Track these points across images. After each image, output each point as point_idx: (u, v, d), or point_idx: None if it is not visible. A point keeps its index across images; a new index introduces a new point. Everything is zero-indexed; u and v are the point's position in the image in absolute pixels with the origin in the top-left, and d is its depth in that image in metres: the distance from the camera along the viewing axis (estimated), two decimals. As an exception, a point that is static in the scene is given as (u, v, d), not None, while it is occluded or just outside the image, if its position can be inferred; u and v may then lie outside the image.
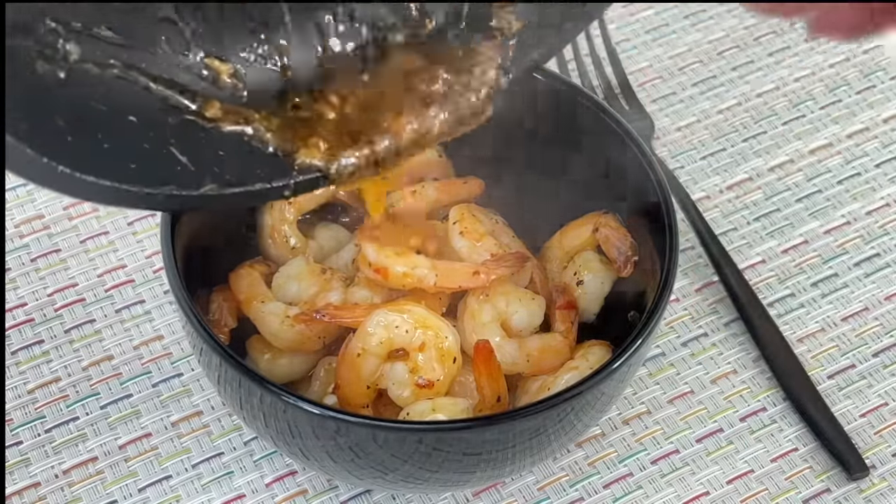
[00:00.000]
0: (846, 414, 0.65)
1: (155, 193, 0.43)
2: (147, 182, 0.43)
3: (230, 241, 0.62)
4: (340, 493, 0.61)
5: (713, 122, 0.78)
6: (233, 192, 0.46)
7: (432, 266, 0.58)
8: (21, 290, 0.68)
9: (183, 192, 0.44)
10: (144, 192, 0.43)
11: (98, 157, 0.42)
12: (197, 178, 0.44)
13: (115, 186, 0.42)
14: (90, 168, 0.41)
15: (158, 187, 0.43)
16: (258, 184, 0.46)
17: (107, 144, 0.42)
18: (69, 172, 0.41)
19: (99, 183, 0.42)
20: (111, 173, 0.42)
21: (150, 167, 0.43)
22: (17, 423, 0.63)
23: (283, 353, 0.59)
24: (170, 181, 0.44)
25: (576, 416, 0.53)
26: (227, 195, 0.46)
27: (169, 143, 0.43)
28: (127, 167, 0.42)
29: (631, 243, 0.61)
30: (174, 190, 0.44)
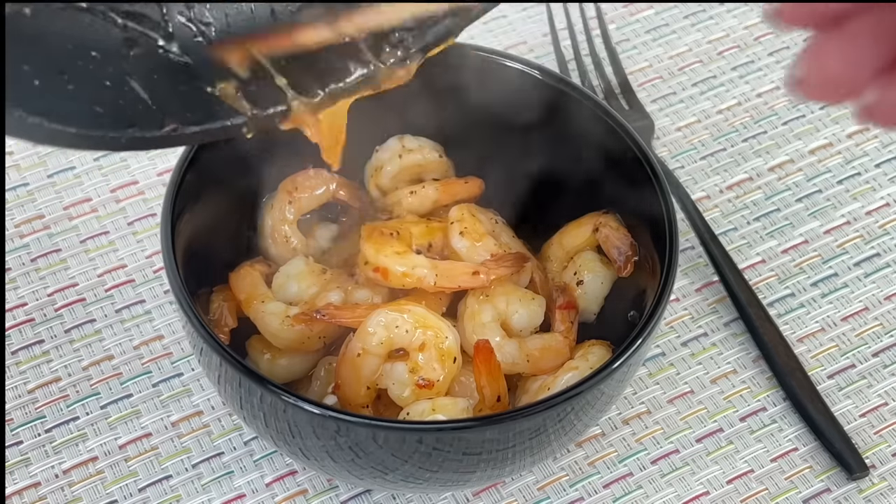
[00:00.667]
0: (846, 414, 0.65)
1: (118, 136, 0.45)
2: (111, 125, 0.44)
3: (230, 241, 0.62)
4: (340, 493, 0.61)
5: (713, 122, 0.78)
6: (193, 130, 0.47)
7: (432, 266, 0.59)
8: (21, 290, 0.68)
9: (146, 133, 0.45)
10: (109, 135, 0.44)
11: (63, 101, 0.43)
12: (158, 117, 0.45)
13: (82, 133, 0.43)
14: (57, 116, 0.42)
15: (122, 129, 0.44)
16: (218, 121, 0.47)
17: (71, 86, 0.43)
18: (38, 122, 0.42)
19: (65, 130, 0.43)
20: (76, 119, 0.43)
21: (113, 109, 0.44)
22: (17, 423, 0.63)
23: (283, 353, 0.59)
24: (132, 122, 0.45)
25: (576, 416, 0.53)
26: (189, 134, 0.47)
27: (131, 79, 0.45)
28: (91, 111, 0.44)
29: (631, 243, 0.61)
30: (137, 132, 0.45)
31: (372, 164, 0.65)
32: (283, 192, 0.63)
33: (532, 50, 0.81)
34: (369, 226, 0.60)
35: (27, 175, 0.73)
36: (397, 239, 0.59)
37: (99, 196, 0.72)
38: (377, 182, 0.64)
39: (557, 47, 0.78)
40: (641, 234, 0.60)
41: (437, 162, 0.64)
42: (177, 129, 0.46)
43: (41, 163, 0.73)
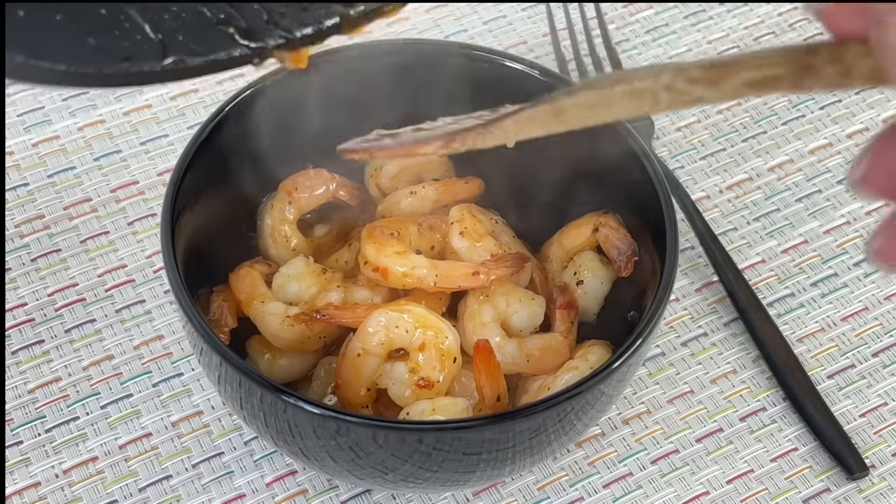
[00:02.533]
0: (846, 414, 0.65)
1: (114, 74, 0.41)
2: (105, 59, 0.41)
3: (230, 241, 0.62)
4: (340, 493, 0.61)
5: (713, 122, 0.78)
6: (197, 62, 0.42)
7: (432, 266, 0.59)
8: (21, 290, 0.68)
9: (145, 66, 0.41)
10: (103, 72, 0.41)
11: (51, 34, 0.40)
12: (159, 48, 0.41)
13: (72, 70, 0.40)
14: (43, 52, 0.39)
15: (118, 63, 0.41)
16: (224, 51, 0.43)
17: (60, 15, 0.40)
18: (22, 61, 0.39)
19: (54, 68, 0.40)
20: (66, 54, 0.40)
21: (108, 40, 0.41)
22: (17, 423, 0.63)
23: (283, 353, 0.59)
24: (130, 55, 0.41)
25: (576, 416, 0.53)
26: (192, 67, 0.42)
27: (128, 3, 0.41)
28: (83, 43, 0.40)
29: (631, 243, 0.61)
30: (135, 65, 0.41)
31: (372, 164, 0.65)
32: (283, 192, 0.63)
33: (532, 50, 0.81)
34: (369, 226, 0.60)
35: (27, 175, 0.73)
36: (397, 239, 0.59)
37: (99, 196, 0.72)
38: (377, 182, 0.64)
39: (557, 47, 0.78)
40: (641, 234, 0.60)
41: (437, 162, 0.64)
42: (179, 62, 0.42)
43: (41, 163, 0.73)
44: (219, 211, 0.60)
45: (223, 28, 0.43)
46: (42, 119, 0.75)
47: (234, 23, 0.43)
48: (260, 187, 0.64)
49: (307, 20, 0.44)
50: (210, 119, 0.59)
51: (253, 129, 0.61)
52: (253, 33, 0.43)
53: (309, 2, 0.44)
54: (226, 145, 0.59)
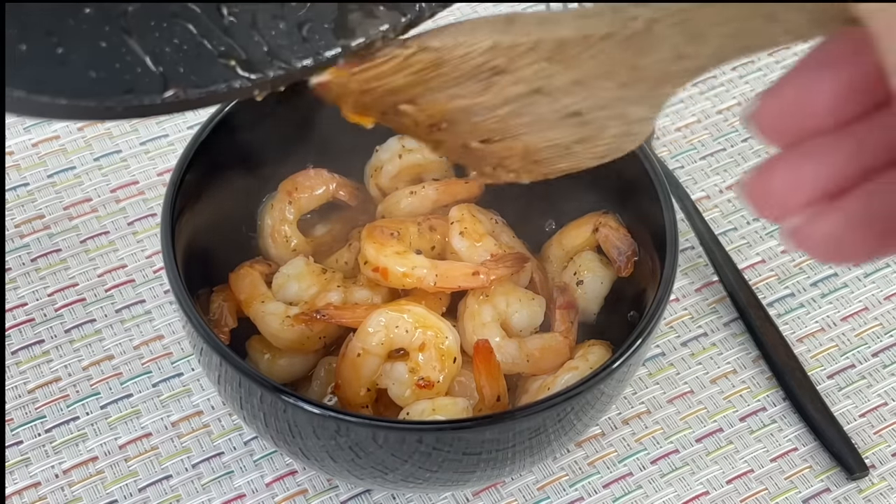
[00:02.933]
0: (846, 414, 0.65)
1: (114, 105, 0.41)
2: (106, 93, 0.40)
3: (230, 241, 0.62)
4: (340, 493, 0.61)
5: (713, 122, 0.78)
6: (198, 94, 0.42)
7: (432, 266, 0.59)
8: (21, 290, 0.68)
9: (145, 99, 0.41)
10: (104, 105, 0.40)
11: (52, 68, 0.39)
12: (160, 81, 0.41)
13: (73, 104, 0.40)
14: (45, 86, 0.39)
15: (118, 97, 0.41)
16: (224, 83, 0.43)
17: (61, 49, 0.39)
18: (25, 97, 0.38)
19: (55, 102, 0.39)
20: (67, 88, 0.40)
21: (109, 73, 0.40)
22: (17, 423, 0.63)
23: (283, 353, 0.59)
24: (131, 87, 0.41)
25: (576, 416, 0.53)
26: (193, 99, 0.42)
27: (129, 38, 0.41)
28: (84, 77, 0.40)
29: (631, 243, 0.61)
30: (135, 98, 0.41)
31: (372, 164, 0.65)
32: (283, 192, 0.63)
33: (532, 50, 0.81)
34: (370, 226, 0.60)
35: (27, 175, 0.73)
36: (397, 239, 0.59)
37: (99, 196, 0.72)
38: (377, 182, 0.64)
39: (557, 47, 0.78)
40: (641, 234, 0.60)
41: (437, 162, 0.64)
42: (180, 94, 0.41)
43: (41, 163, 0.73)
44: (219, 211, 0.60)
45: (224, 60, 0.43)
46: (42, 119, 0.75)
47: (235, 55, 0.43)
48: (260, 187, 0.64)
49: (306, 52, 0.44)
50: (210, 119, 0.59)
51: (253, 128, 0.61)
52: (253, 65, 0.43)
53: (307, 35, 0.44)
54: (226, 145, 0.59)
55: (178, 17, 0.42)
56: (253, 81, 0.43)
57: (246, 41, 0.43)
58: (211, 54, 0.42)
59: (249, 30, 0.43)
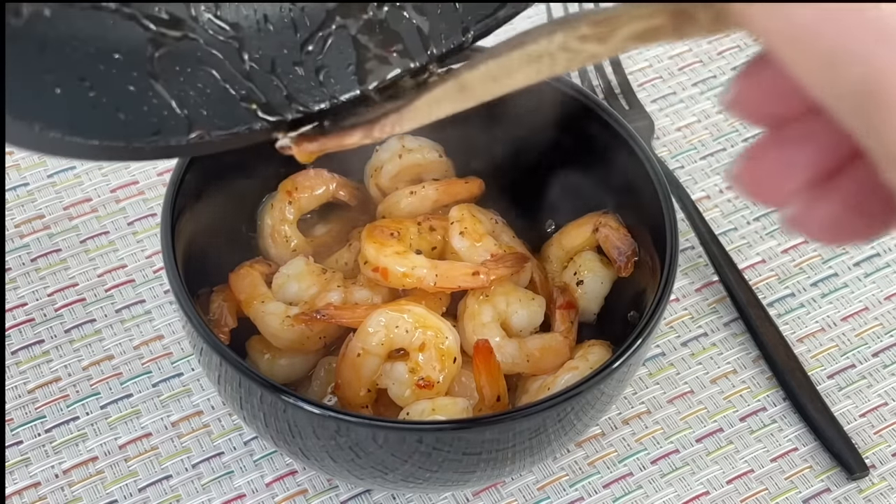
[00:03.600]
0: (846, 414, 0.65)
1: (142, 147, 0.43)
2: (134, 134, 0.42)
3: (230, 241, 0.62)
4: (340, 493, 0.61)
5: (713, 122, 0.78)
6: (221, 135, 0.44)
7: (432, 266, 0.59)
8: (21, 290, 0.68)
9: (171, 140, 0.43)
10: (133, 146, 0.42)
11: (85, 111, 0.41)
12: (185, 123, 0.43)
13: (105, 145, 0.41)
14: (78, 128, 0.41)
15: (146, 138, 0.43)
16: (246, 125, 0.45)
17: (93, 93, 0.41)
18: (59, 137, 0.40)
19: (88, 143, 0.41)
20: (98, 130, 0.41)
21: (137, 116, 0.42)
22: (17, 423, 0.63)
23: (283, 353, 0.59)
24: (158, 130, 0.43)
25: (576, 416, 0.53)
26: (217, 141, 0.44)
27: (156, 83, 0.43)
28: (114, 119, 0.42)
29: (631, 243, 0.61)
30: (162, 140, 0.43)
31: (372, 164, 0.65)
32: (283, 192, 0.63)
33: (532, 50, 0.81)
34: (370, 226, 0.60)
35: (27, 175, 0.73)
36: (397, 239, 0.59)
37: (99, 196, 0.72)
38: (377, 182, 0.64)
39: (557, 47, 0.78)
40: (641, 234, 0.60)
41: (437, 162, 0.64)
42: (204, 136, 0.44)
43: (41, 163, 0.73)
44: (219, 211, 0.60)
45: (245, 104, 0.44)
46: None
47: (255, 98, 0.45)
48: (260, 187, 0.64)
49: (323, 96, 0.46)
50: (210, 119, 0.59)
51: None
52: (272, 108, 0.45)
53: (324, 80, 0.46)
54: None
55: (203, 62, 0.44)
56: (272, 124, 0.45)
57: (266, 86, 0.45)
58: (233, 98, 0.44)
59: (269, 75, 0.45)
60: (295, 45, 0.46)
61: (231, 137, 0.44)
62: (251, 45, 0.45)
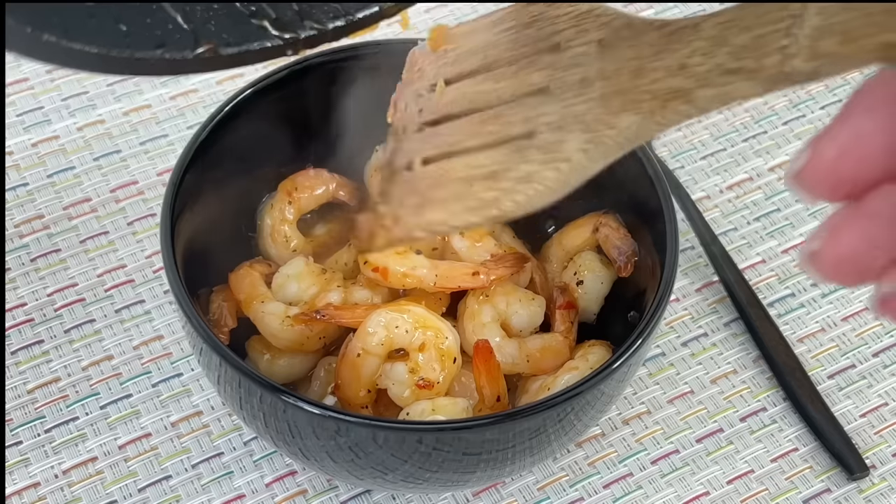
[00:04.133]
0: (846, 414, 0.65)
1: (146, 58, 0.41)
2: (137, 45, 0.41)
3: (230, 241, 0.62)
4: (340, 493, 0.61)
5: (713, 122, 0.78)
6: (230, 52, 0.43)
7: (432, 266, 0.59)
8: (21, 290, 0.68)
9: (177, 54, 0.42)
10: (135, 56, 0.41)
11: (82, 18, 0.40)
12: (191, 38, 0.42)
13: (104, 53, 0.40)
14: (75, 34, 0.39)
15: (150, 50, 0.41)
16: (257, 42, 0.43)
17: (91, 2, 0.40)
18: (55, 41, 0.39)
19: (86, 50, 0.40)
20: (98, 38, 0.40)
21: (140, 27, 0.41)
22: (17, 423, 0.63)
23: (283, 353, 0.59)
24: (162, 43, 0.41)
25: (576, 416, 0.53)
26: (225, 57, 0.43)
27: None
28: (115, 29, 0.41)
29: (631, 243, 0.61)
30: (167, 53, 0.41)
31: (372, 163, 0.65)
32: (282, 192, 0.63)
33: (532, 50, 0.81)
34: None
35: (27, 175, 0.73)
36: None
37: (99, 196, 0.72)
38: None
39: (557, 47, 0.78)
40: (641, 234, 0.60)
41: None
42: (211, 51, 0.42)
43: (41, 163, 0.73)
44: (219, 211, 0.60)
45: (255, 21, 0.43)
46: (41, 119, 0.75)
47: (266, 15, 0.43)
48: (260, 187, 0.64)
49: (338, 12, 0.44)
50: (210, 119, 0.59)
51: (253, 128, 0.61)
52: (284, 25, 0.44)
53: None
54: (226, 145, 0.59)
55: None
56: (285, 41, 0.43)
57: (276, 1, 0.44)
58: (241, 14, 0.43)
59: None
60: None
61: (241, 54, 0.43)
62: None
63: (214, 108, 0.59)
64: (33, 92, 0.76)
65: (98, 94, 0.76)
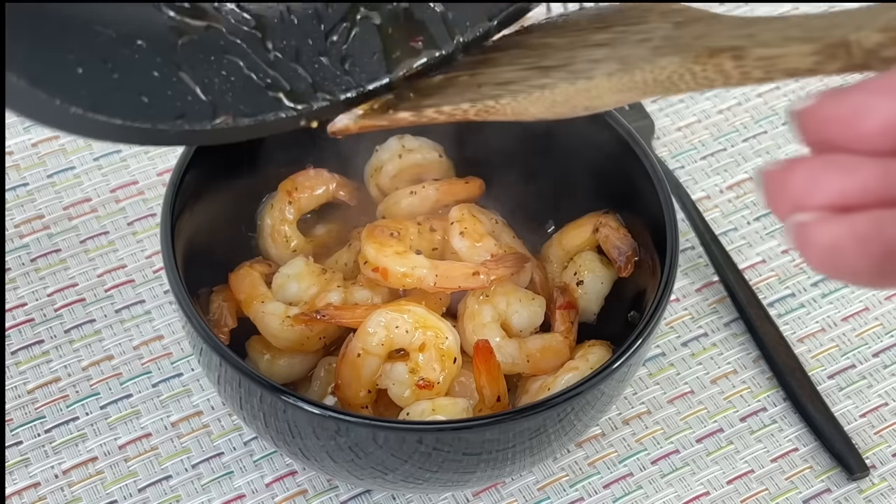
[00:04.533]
0: (846, 414, 0.65)
1: (167, 129, 0.43)
2: (159, 117, 0.42)
3: (230, 241, 0.62)
4: (340, 493, 0.61)
5: (713, 122, 0.78)
6: (247, 123, 0.45)
7: (432, 266, 0.59)
8: (21, 290, 0.68)
9: (196, 125, 0.43)
10: (157, 128, 0.42)
11: (107, 91, 0.41)
12: (209, 109, 0.43)
13: (127, 125, 0.41)
14: (101, 106, 0.41)
15: (171, 122, 0.43)
16: (272, 112, 0.45)
17: (116, 75, 0.41)
18: (81, 113, 0.40)
19: (110, 122, 0.41)
20: (122, 110, 0.41)
21: (161, 99, 0.43)
22: (17, 423, 0.63)
23: (283, 353, 0.59)
24: (182, 114, 0.43)
25: (576, 416, 0.53)
26: (242, 127, 0.45)
27: (180, 70, 0.43)
28: (138, 101, 0.42)
29: (631, 243, 0.61)
30: (186, 124, 0.43)
31: (372, 164, 0.65)
32: (282, 192, 0.63)
33: (532, 50, 0.81)
34: (370, 226, 0.60)
35: (27, 175, 0.73)
36: (397, 239, 0.59)
37: (99, 196, 0.72)
38: (377, 182, 0.64)
39: (557, 47, 0.78)
40: (641, 234, 0.60)
41: (437, 162, 0.64)
42: (229, 122, 0.44)
43: (41, 163, 0.73)
44: (219, 211, 0.60)
45: (271, 92, 0.45)
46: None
47: (280, 86, 0.45)
48: (260, 187, 0.63)
49: (349, 84, 0.47)
50: (210, 119, 0.59)
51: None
52: (298, 96, 0.45)
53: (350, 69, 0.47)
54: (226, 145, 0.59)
55: (227, 52, 0.44)
56: (299, 112, 0.45)
57: (290, 75, 0.46)
58: (258, 86, 0.45)
59: (294, 64, 0.46)
60: (319, 36, 0.47)
61: (257, 124, 0.45)
62: (275, 35, 0.46)
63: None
64: (33, 92, 0.76)
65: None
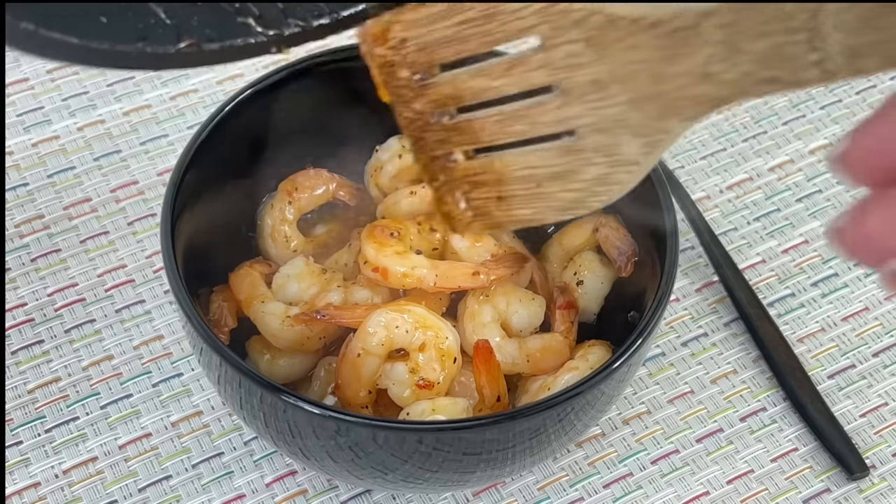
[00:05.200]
0: (846, 414, 0.65)
1: (127, 51, 0.41)
2: (119, 38, 0.41)
3: (230, 241, 0.62)
4: (340, 493, 0.61)
5: (713, 122, 0.78)
6: (212, 48, 0.43)
7: (432, 266, 0.59)
8: (21, 290, 0.68)
9: (159, 48, 0.41)
10: (116, 48, 0.40)
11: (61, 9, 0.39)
12: (173, 32, 0.42)
13: (84, 44, 0.40)
14: (53, 24, 0.39)
15: (131, 43, 0.41)
16: (240, 38, 0.43)
17: None
18: (33, 29, 0.38)
19: (66, 40, 0.39)
20: (77, 29, 0.40)
21: (121, 20, 0.41)
22: (17, 423, 0.63)
23: (283, 353, 0.59)
24: (143, 36, 0.41)
25: (576, 416, 0.53)
26: (207, 52, 0.43)
27: None
28: (95, 20, 0.40)
29: (631, 243, 0.61)
30: (148, 46, 0.41)
31: (372, 164, 0.65)
32: (282, 192, 0.63)
33: (532, 50, 0.81)
34: (370, 226, 0.60)
35: (27, 175, 0.73)
36: (397, 239, 0.59)
37: (99, 196, 0.72)
38: (377, 182, 0.64)
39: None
40: (641, 234, 0.60)
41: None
42: (194, 46, 0.42)
43: (41, 163, 0.73)
44: (219, 211, 0.60)
45: (240, 17, 0.43)
46: (42, 119, 0.75)
47: (249, 11, 0.43)
48: (260, 187, 0.64)
49: (322, 11, 0.44)
50: (210, 119, 0.59)
51: (252, 128, 0.61)
52: (269, 21, 0.43)
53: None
54: (225, 145, 0.59)
55: None
56: (269, 38, 0.43)
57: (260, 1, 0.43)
58: (225, 11, 0.43)
59: None
60: None
61: (224, 50, 0.43)
62: None
63: (214, 108, 0.59)
64: (33, 92, 0.76)
65: (98, 94, 0.76)
